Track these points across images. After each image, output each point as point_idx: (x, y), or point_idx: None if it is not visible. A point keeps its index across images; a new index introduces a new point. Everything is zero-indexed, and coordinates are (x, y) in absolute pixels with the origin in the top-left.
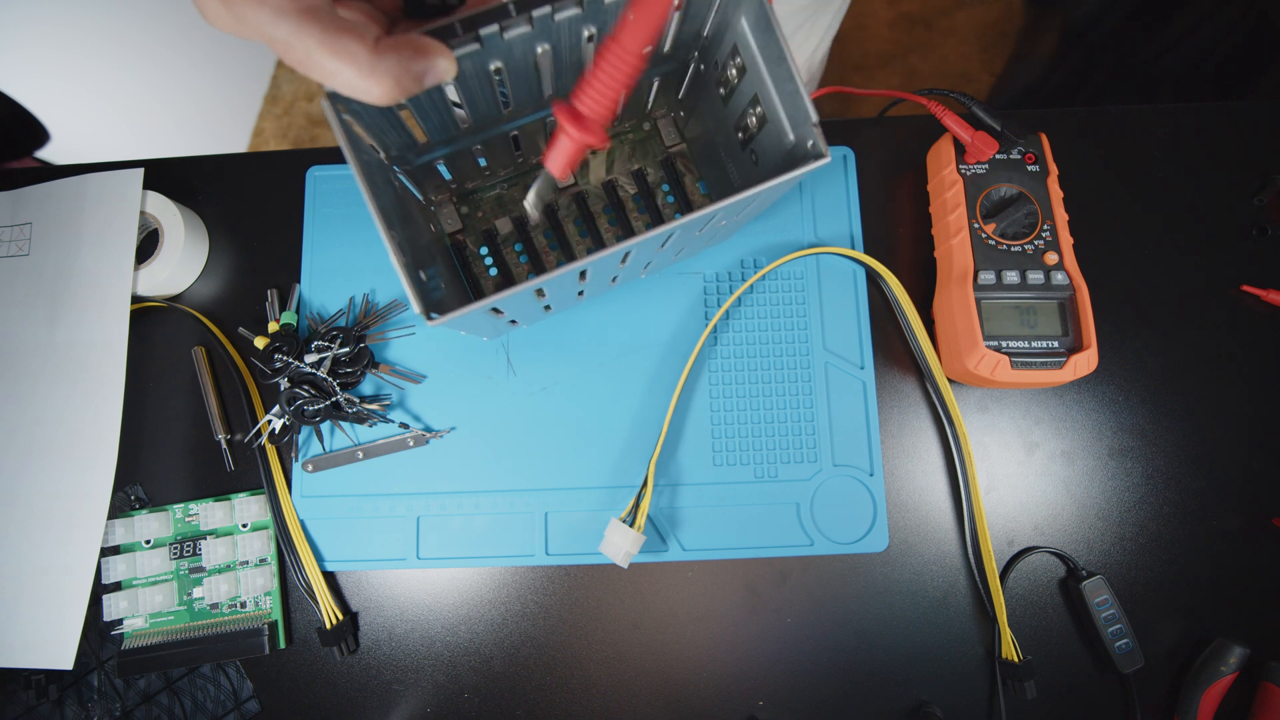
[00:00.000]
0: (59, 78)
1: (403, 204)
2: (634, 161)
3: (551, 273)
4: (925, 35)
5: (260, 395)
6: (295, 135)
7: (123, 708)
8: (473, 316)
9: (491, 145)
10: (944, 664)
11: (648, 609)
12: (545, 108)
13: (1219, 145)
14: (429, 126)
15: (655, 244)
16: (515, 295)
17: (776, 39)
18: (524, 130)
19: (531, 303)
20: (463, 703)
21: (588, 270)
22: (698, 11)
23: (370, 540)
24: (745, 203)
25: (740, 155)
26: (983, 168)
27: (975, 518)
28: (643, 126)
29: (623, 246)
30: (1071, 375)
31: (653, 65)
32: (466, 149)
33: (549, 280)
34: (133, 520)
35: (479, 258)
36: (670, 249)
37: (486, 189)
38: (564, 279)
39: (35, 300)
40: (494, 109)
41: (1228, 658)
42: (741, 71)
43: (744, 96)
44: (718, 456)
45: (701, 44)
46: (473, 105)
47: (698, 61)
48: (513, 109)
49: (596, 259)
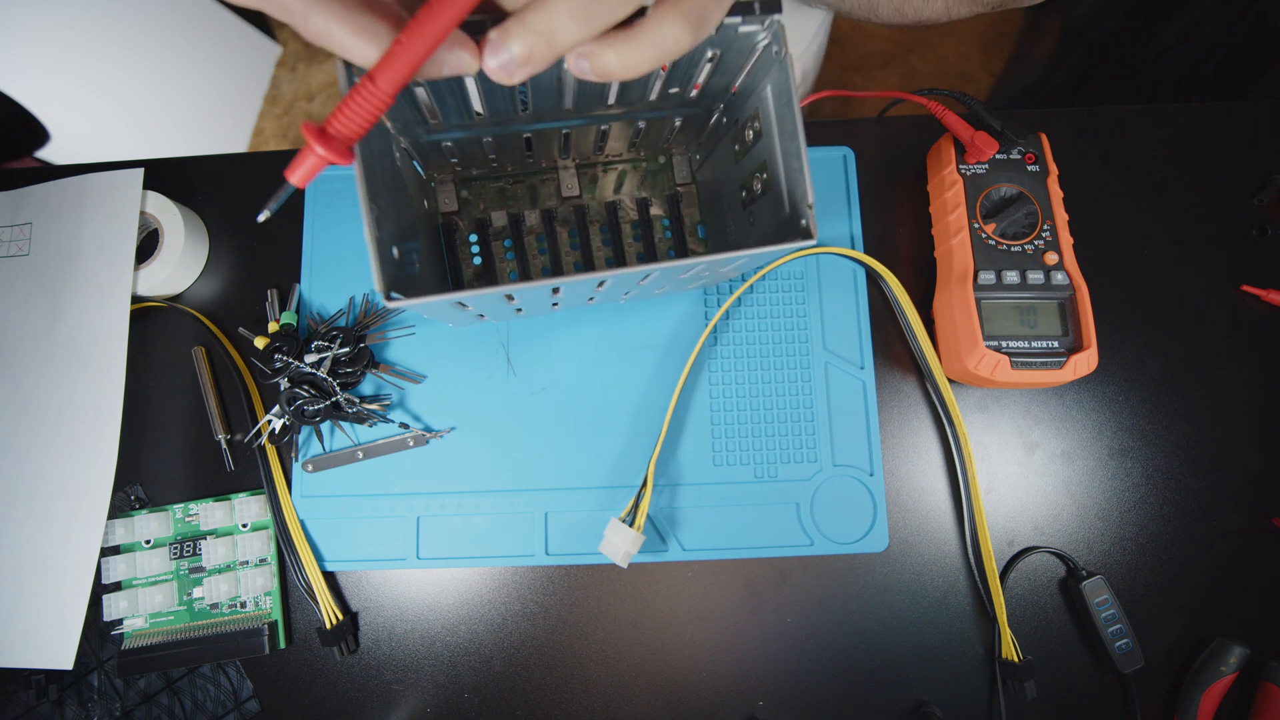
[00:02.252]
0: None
1: (398, 175)
2: (642, 189)
3: (522, 284)
4: (925, 35)
5: (260, 395)
6: (295, 135)
7: (123, 708)
8: (436, 306)
9: (503, 142)
10: (944, 664)
11: (648, 609)
12: (564, 118)
13: (1219, 145)
14: (443, 110)
15: (633, 279)
16: (482, 296)
17: (793, 114)
18: (539, 135)
19: (501, 305)
20: (463, 703)
21: (561, 289)
22: (730, 65)
23: (370, 540)
24: (727, 262)
25: (740, 213)
26: (983, 168)
27: (975, 518)
28: (658, 158)
29: (599, 275)
30: (1071, 375)
31: (678, 106)
32: (478, 139)
33: (519, 289)
34: (133, 520)
35: (466, 243)
36: (651, 285)
37: (490, 179)
38: (536, 291)
39: (35, 300)
40: (511, 109)
41: (1228, 658)
42: (758, 136)
43: (755, 159)
44: (718, 456)
45: (728, 98)
46: (491, 101)
47: (721, 114)
48: (530, 113)
49: (571, 281)
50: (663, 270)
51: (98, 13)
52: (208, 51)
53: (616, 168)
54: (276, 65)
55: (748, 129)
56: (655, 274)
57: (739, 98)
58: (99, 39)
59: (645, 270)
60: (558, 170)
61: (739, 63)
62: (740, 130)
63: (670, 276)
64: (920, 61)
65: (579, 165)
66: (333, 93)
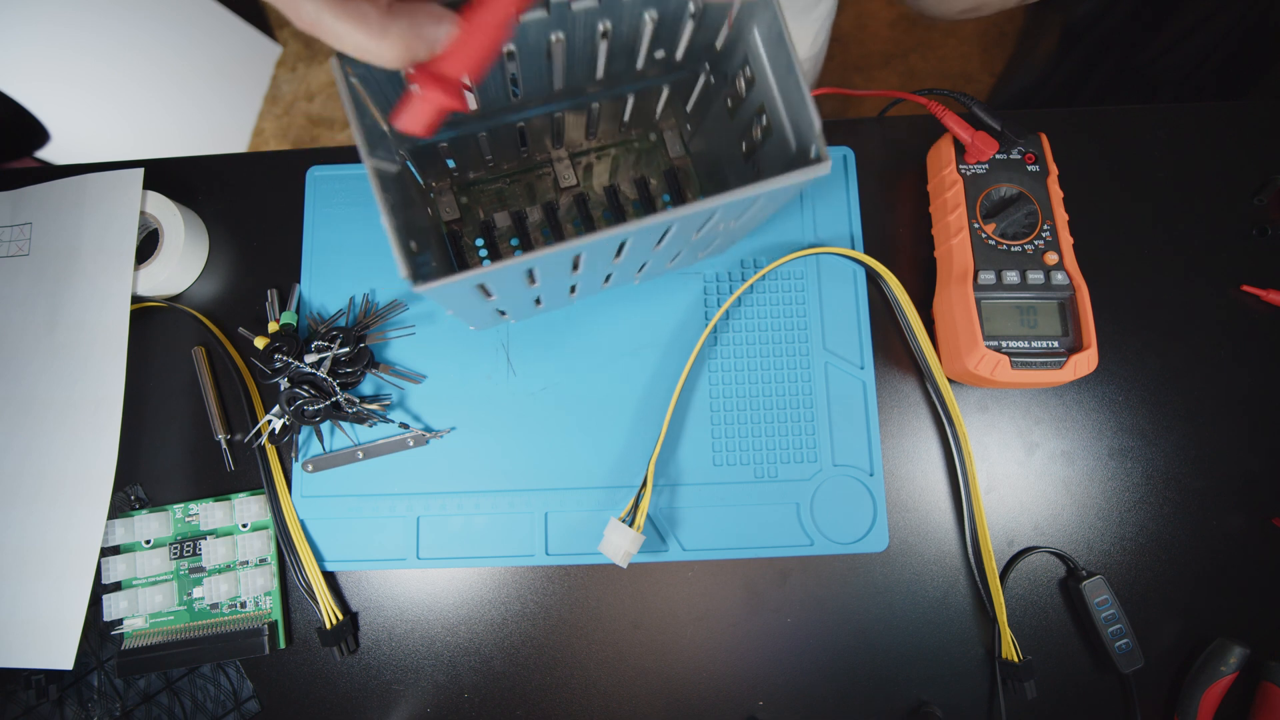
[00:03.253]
0: (59, 78)
1: (402, 184)
2: (638, 169)
3: (542, 250)
4: (925, 35)
5: (260, 395)
6: (295, 135)
7: (123, 708)
8: (460, 292)
9: (497, 136)
10: (944, 664)
11: (648, 609)
12: (554, 99)
13: (1219, 145)
14: None
15: (653, 235)
16: (503, 271)
17: (787, 50)
18: (530, 126)
19: (521, 287)
20: (463, 703)
21: (581, 256)
22: (712, 21)
23: (370, 540)
24: (745, 204)
25: (743, 168)
26: (983, 168)
27: (975, 518)
28: (649, 136)
29: (619, 230)
30: (1071, 375)
31: (664, 72)
32: (472, 135)
33: (540, 258)
34: (133, 520)
35: (474, 249)
36: (666, 251)
37: (488, 181)
38: (556, 258)
39: (35, 300)
40: (503, 96)
41: (1228, 658)
42: (750, 83)
43: (750, 107)
44: (718, 456)
45: (712, 55)
46: (483, 90)
47: (708, 73)
48: (522, 98)
49: (591, 240)
50: (681, 220)
51: (97, 13)
52: (208, 51)
53: (610, 152)
54: (276, 65)
55: (738, 79)
56: (675, 226)
57: (725, 53)
58: (99, 39)
59: (666, 220)
60: (553, 163)
61: (720, 15)
62: (731, 84)
63: (687, 230)
64: (920, 61)
65: (572, 155)
66: (333, 93)
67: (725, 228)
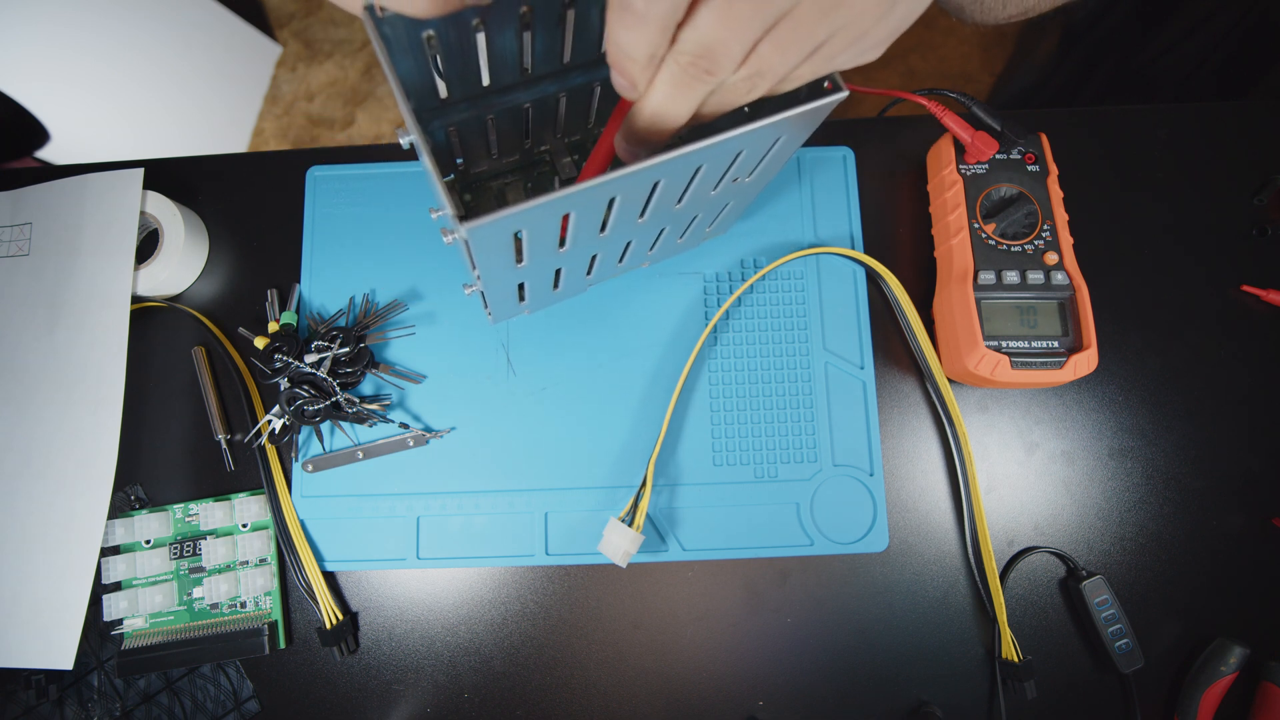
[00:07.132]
0: (59, 78)
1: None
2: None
3: (576, 185)
4: (925, 35)
5: (260, 395)
6: (295, 135)
7: (123, 708)
8: (499, 233)
9: (504, 122)
10: (944, 664)
11: (648, 609)
12: (564, 74)
13: (1219, 145)
14: (451, 72)
15: (685, 171)
16: (543, 206)
17: None
18: (538, 108)
19: (552, 241)
20: (463, 703)
21: (615, 200)
22: None
23: (370, 540)
24: (767, 135)
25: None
26: (983, 168)
27: (975, 518)
28: None
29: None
30: (1071, 375)
31: None
32: (482, 118)
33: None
34: (133, 520)
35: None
36: (684, 211)
37: (489, 178)
38: (592, 195)
39: (35, 300)
40: (514, 70)
41: (1228, 658)
42: None
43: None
44: (717, 456)
45: None
46: (497, 71)
47: None
48: (531, 74)
49: (626, 173)
50: (714, 146)
51: (97, 13)
52: (208, 51)
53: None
54: (276, 65)
55: None
56: (704, 164)
57: None
58: (99, 39)
59: (695, 150)
60: (553, 156)
61: None
62: None
63: (720, 164)
64: (920, 61)
65: (570, 144)
66: (332, 93)
67: (740, 182)
